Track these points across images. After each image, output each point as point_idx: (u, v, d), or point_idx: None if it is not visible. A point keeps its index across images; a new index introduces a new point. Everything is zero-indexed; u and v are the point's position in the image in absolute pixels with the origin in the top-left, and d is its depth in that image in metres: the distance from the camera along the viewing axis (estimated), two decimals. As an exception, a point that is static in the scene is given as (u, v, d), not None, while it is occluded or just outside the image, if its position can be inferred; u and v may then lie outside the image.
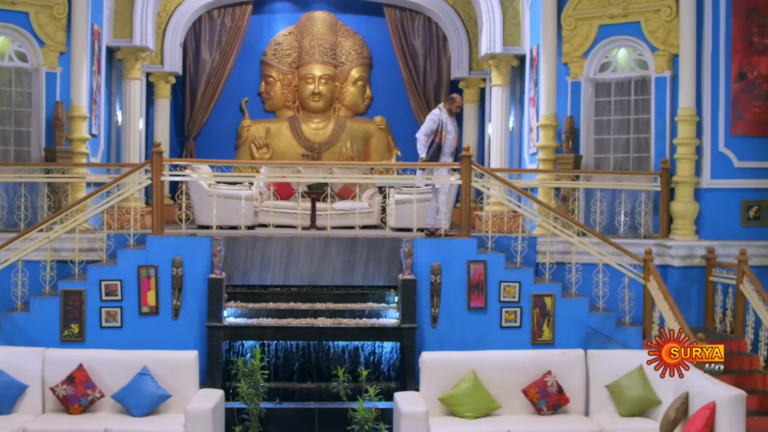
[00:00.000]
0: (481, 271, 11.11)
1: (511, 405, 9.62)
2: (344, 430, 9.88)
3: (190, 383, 9.68)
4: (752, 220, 12.48)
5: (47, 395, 9.58)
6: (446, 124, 12.50)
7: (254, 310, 10.87)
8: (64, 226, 11.24)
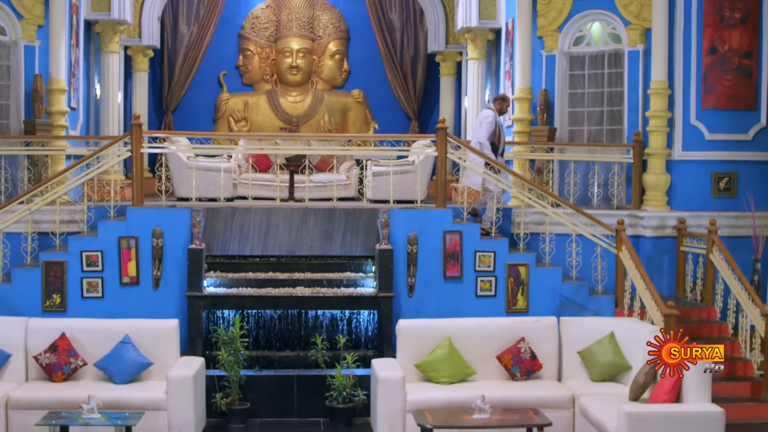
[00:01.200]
0: (457, 241, 11.31)
1: (486, 371, 9.87)
2: (323, 397, 10.11)
3: (172, 351, 9.86)
4: (723, 191, 12.74)
5: (30, 364, 9.74)
6: (501, 125, 12.37)
7: (234, 280, 11.03)
8: (44, 198, 11.34)
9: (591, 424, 8.87)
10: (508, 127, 14.61)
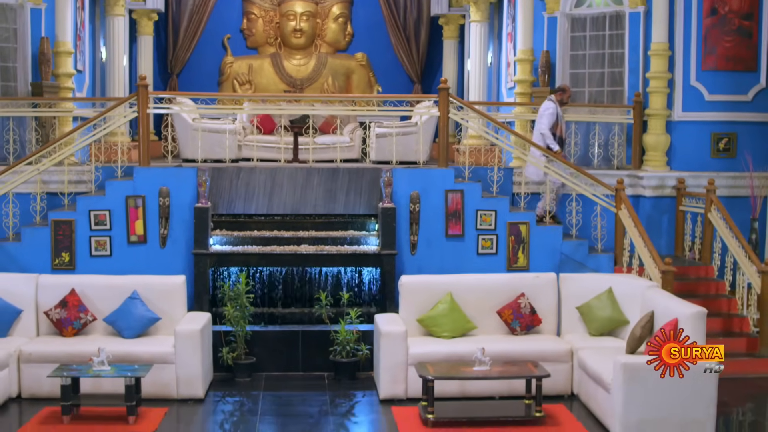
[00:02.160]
0: (459, 200, 11.48)
1: (486, 326, 10.07)
2: (327, 352, 10.32)
3: (179, 307, 10.07)
4: (722, 151, 12.89)
5: (41, 319, 9.95)
6: (562, 116, 12.28)
7: (239, 238, 11.21)
8: (52, 158, 11.51)
9: (588, 376, 9.08)
10: (510, 88, 14.75)
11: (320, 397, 9.60)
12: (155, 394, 9.30)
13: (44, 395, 9.27)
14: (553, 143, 12.02)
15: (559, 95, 12.28)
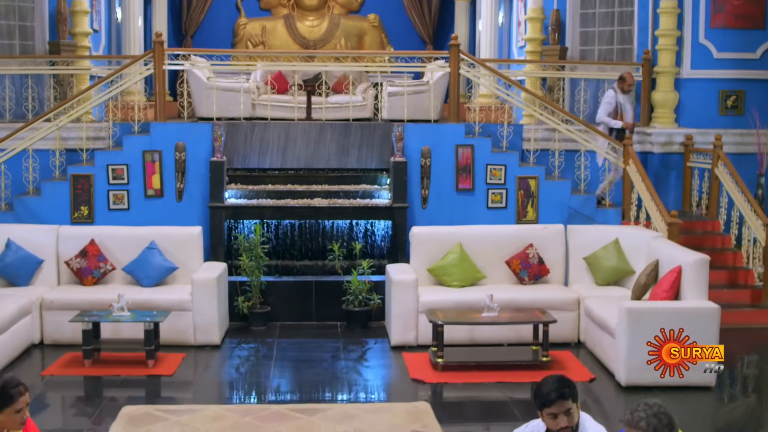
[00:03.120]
0: (469, 155, 11.68)
1: (495, 275, 10.30)
2: (340, 302, 10.58)
3: (195, 256, 10.33)
4: (730, 109, 13.01)
5: (62, 269, 10.23)
6: (623, 104, 12.29)
7: (254, 192, 11.45)
8: (69, 115, 11.74)
9: (594, 323, 9.32)
10: (520, 47, 14.89)
11: (333, 344, 9.87)
12: (173, 341, 9.58)
13: (66, 341, 9.56)
14: (614, 122, 12.18)
15: (620, 84, 12.31)
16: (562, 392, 4.65)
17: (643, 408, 4.27)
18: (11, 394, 4.71)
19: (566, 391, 4.66)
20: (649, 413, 4.22)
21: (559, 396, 4.64)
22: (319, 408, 7.80)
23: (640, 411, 4.25)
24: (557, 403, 4.65)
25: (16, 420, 4.72)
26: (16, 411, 4.71)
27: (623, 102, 12.29)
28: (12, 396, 4.71)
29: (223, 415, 7.56)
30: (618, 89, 12.31)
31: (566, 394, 4.65)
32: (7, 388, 4.74)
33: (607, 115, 12.25)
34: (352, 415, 7.60)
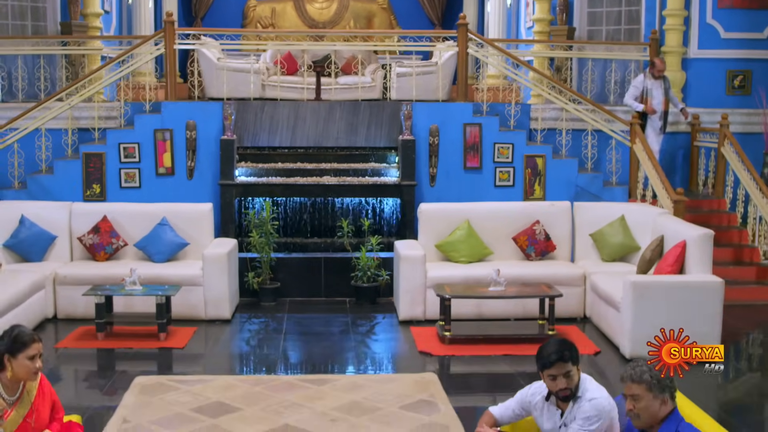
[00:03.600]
0: (477, 134, 11.78)
1: (502, 251, 10.41)
2: (349, 278, 10.70)
3: (206, 233, 10.46)
4: (737, 89, 13.09)
5: (75, 245, 10.38)
6: (650, 89, 12.16)
7: (264, 170, 11.57)
8: (81, 94, 11.88)
9: (600, 297, 9.42)
10: (528, 28, 14.95)
11: (342, 318, 10.00)
12: (184, 315, 9.73)
13: (79, 316, 9.70)
14: (636, 105, 12.17)
15: (650, 69, 12.24)
16: (562, 354, 4.78)
17: (643, 363, 4.40)
18: (24, 340, 4.86)
19: (566, 354, 4.79)
20: (646, 368, 4.35)
21: (559, 358, 4.77)
22: (328, 378, 7.94)
23: (642, 365, 4.38)
24: (557, 365, 4.78)
25: (29, 368, 4.85)
26: (29, 357, 4.84)
27: (651, 87, 12.18)
28: (25, 342, 4.85)
29: (234, 385, 7.70)
30: (648, 74, 12.23)
31: (566, 356, 4.78)
32: (20, 335, 4.89)
33: (633, 99, 12.24)
34: (361, 385, 7.72)
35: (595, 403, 4.77)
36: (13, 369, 4.84)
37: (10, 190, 11.45)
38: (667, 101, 12.23)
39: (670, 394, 4.35)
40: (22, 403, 4.90)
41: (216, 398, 7.37)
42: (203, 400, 7.34)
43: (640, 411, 4.41)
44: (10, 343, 4.86)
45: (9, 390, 4.88)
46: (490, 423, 5.14)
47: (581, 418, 4.75)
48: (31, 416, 4.90)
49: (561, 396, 4.84)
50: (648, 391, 4.36)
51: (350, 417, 6.99)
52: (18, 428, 4.80)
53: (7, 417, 4.75)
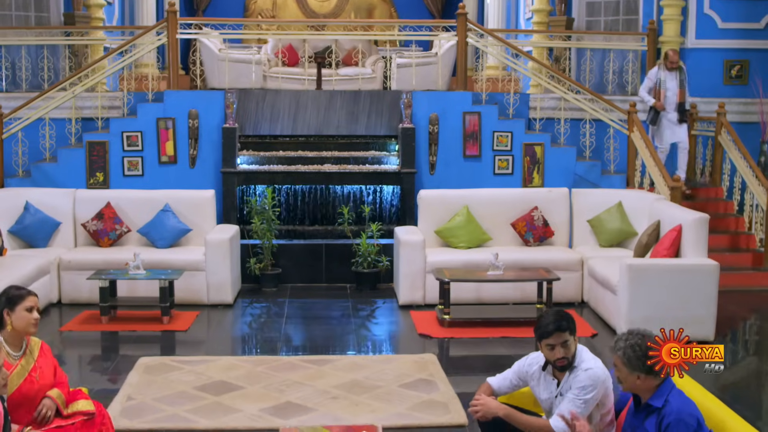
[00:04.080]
0: (476, 122, 11.90)
1: (501, 237, 10.54)
2: (349, 264, 10.82)
3: (209, 219, 10.58)
4: (734, 78, 13.20)
5: (79, 231, 10.50)
6: (664, 81, 12.11)
7: (265, 158, 11.68)
8: (84, 83, 11.99)
9: (597, 282, 9.55)
10: (527, 19, 15.06)
11: (343, 303, 10.13)
12: (187, 300, 9.86)
13: (83, 300, 9.83)
14: (648, 98, 12.19)
15: (664, 61, 12.27)
16: (560, 324, 4.90)
17: (625, 337, 4.52)
18: (20, 293, 5.07)
19: (564, 324, 4.91)
20: (627, 343, 4.47)
21: (556, 328, 4.89)
22: (329, 359, 8.06)
23: (626, 338, 4.50)
24: (555, 334, 4.90)
25: (28, 319, 5.00)
26: (27, 309, 5.00)
27: (665, 79, 12.16)
28: (21, 295, 5.06)
29: (236, 365, 7.83)
30: (662, 66, 12.23)
31: (564, 326, 4.90)
32: (14, 289, 5.09)
33: (647, 92, 12.24)
34: (361, 365, 7.85)
35: (590, 373, 4.89)
36: (12, 323, 4.99)
37: (14, 178, 11.58)
38: (683, 92, 12.17)
39: (645, 372, 4.44)
40: (26, 358, 5.06)
41: (219, 377, 7.50)
42: (206, 379, 7.47)
43: (620, 378, 4.55)
44: (6, 298, 5.03)
45: (13, 346, 5.04)
46: (488, 393, 5.26)
47: (577, 388, 4.87)
48: (36, 371, 5.06)
49: (558, 365, 4.95)
50: (623, 365, 4.49)
51: (351, 395, 7.12)
52: (23, 382, 4.95)
53: (11, 369, 4.90)
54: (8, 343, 5.01)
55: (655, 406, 4.39)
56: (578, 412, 4.81)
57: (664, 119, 12.21)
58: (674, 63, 12.14)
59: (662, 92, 12.14)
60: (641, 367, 4.41)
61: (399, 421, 6.60)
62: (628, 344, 4.47)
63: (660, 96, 12.12)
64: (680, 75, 12.18)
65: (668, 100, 12.14)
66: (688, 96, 12.27)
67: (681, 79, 12.16)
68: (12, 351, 5.02)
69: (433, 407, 6.88)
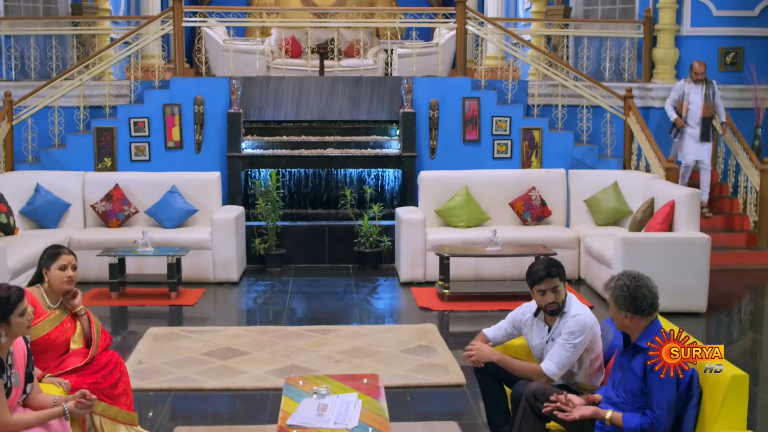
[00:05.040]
0: (475, 107, 12.16)
1: (500, 216, 10.79)
2: (352, 244, 11.08)
3: (214, 200, 10.84)
4: (729, 65, 13.42)
5: (88, 212, 10.76)
6: (688, 93, 11.84)
7: (269, 143, 11.95)
8: (90, 72, 12.26)
9: (593, 258, 9.80)
10: (526, 9, 15.32)
11: (345, 281, 10.40)
12: (193, 278, 10.14)
13: (92, 279, 10.06)
14: (670, 113, 11.98)
15: (690, 73, 12.03)
16: (550, 270, 5.18)
17: (617, 277, 4.78)
18: (55, 251, 5.38)
19: (554, 270, 5.18)
20: (617, 284, 4.72)
21: (547, 274, 5.17)
22: (332, 329, 8.33)
23: (618, 279, 4.75)
24: (546, 280, 5.17)
25: (61, 277, 5.29)
26: (60, 267, 5.29)
27: (689, 92, 11.89)
28: (56, 253, 5.36)
29: (242, 334, 8.10)
30: (689, 78, 12.00)
31: (554, 272, 5.18)
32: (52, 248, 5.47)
33: (672, 104, 12.03)
34: (363, 334, 8.12)
35: (578, 319, 5.16)
36: (49, 281, 5.28)
37: (24, 164, 11.84)
38: (709, 107, 11.85)
39: (632, 312, 4.68)
40: (61, 311, 5.37)
41: (225, 345, 7.78)
42: (213, 346, 7.75)
43: (612, 316, 4.80)
44: (45, 257, 5.34)
45: (51, 300, 5.38)
46: (484, 342, 5.52)
47: (566, 333, 5.14)
48: (67, 323, 5.36)
49: (549, 310, 5.22)
50: (612, 304, 4.74)
51: (353, 359, 7.38)
52: (54, 329, 5.25)
53: (46, 315, 5.20)
54: (47, 296, 5.31)
55: (642, 347, 4.63)
56: (566, 355, 5.09)
57: (686, 134, 11.98)
58: (699, 75, 11.87)
59: (685, 105, 11.90)
60: (628, 307, 4.65)
61: (400, 381, 6.87)
62: (617, 284, 4.71)
63: (683, 109, 11.92)
64: (706, 88, 11.88)
65: (691, 114, 11.89)
66: (721, 111, 11.99)
67: (707, 93, 11.86)
68: (50, 303, 5.31)
69: (432, 369, 7.15)
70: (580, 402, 4.77)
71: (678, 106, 11.99)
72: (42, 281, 5.35)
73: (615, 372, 4.81)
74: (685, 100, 11.90)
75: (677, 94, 12.00)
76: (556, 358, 5.14)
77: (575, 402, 4.75)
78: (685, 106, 11.90)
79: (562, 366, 5.14)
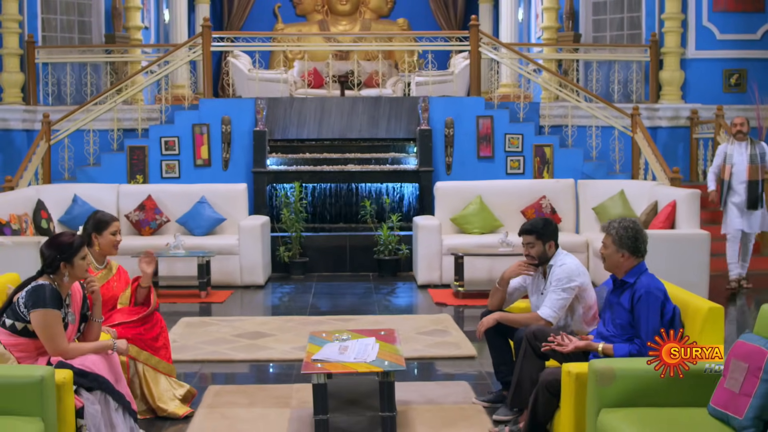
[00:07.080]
0: (489, 125, 12.76)
1: (511, 223, 11.20)
2: (371, 253, 11.64)
3: (241, 210, 11.44)
4: (733, 86, 13.99)
5: (122, 221, 11.35)
6: (731, 155, 10.37)
7: (293, 160, 12.56)
8: (122, 95, 12.99)
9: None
10: (538, 38, 15.97)
11: (366, 284, 10.97)
12: (222, 282, 10.72)
13: (126, 283, 10.65)
14: (709, 182, 10.60)
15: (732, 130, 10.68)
16: (526, 228, 5.83)
17: (619, 221, 5.32)
18: (106, 219, 5.96)
19: (529, 227, 5.87)
20: (620, 225, 5.26)
21: (524, 231, 5.88)
22: (353, 318, 8.89)
23: (621, 222, 5.30)
24: (524, 236, 5.83)
25: (112, 241, 5.92)
26: (112, 233, 5.89)
27: (731, 153, 10.42)
28: (108, 221, 5.96)
29: (269, 322, 8.69)
30: (731, 138, 10.60)
31: (528, 229, 5.86)
32: (102, 215, 6.00)
33: (714, 171, 10.58)
34: (382, 321, 8.66)
35: (564, 268, 5.78)
36: (99, 244, 5.90)
37: (61, 181, 12.51)
38: (755, 169, 10.28)
39: (630, 251, 5.22)
40: (107, 271, 5.96)
41: (253, 329, 8.34)
42: (242, 330, 8.33)
43: (605, 256, 5.32)
44: (95, 223, 5.93)
45: (98, 262, 5.96)
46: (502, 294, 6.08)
47: (554, 281, 5.78)
48: (114, 282, 5.96)
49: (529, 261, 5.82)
50: (612, 243, 5.27)
51: (372, 339, 7.91)
52: (102, 286, 5.81)
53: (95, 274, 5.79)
54: (95, 259, 5.91)
55: (629, 282, 5.17)
56: (557, 298, 5.64)
57: (730, 202, 10.47)
58: (740, 131, 10.43)
59: (728, 168, 10.35)
60: (628, 245, 5.19)
61: (416, 353, 7.40)
62: (621, 225, 5.27)
63: (725, 172, 10.38)
64: (752, 148, 10.40)
65: (735, 178, 10.36)
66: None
67: (752, 153, 10.34)
68: (97, 264, 5.92)
69: (446, 346, 7.69)
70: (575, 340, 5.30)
71: (720, 171, 10.49)
72: (90, 244, 5.92)
73: (605, 312, 5.35)
74: (727, 162, 10.39)
75: (720, 158, 10.52)
76: (549, 303, 5.74)
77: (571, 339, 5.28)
78: (728, 170, 10.35)
79: (555, 309, 5.71)
